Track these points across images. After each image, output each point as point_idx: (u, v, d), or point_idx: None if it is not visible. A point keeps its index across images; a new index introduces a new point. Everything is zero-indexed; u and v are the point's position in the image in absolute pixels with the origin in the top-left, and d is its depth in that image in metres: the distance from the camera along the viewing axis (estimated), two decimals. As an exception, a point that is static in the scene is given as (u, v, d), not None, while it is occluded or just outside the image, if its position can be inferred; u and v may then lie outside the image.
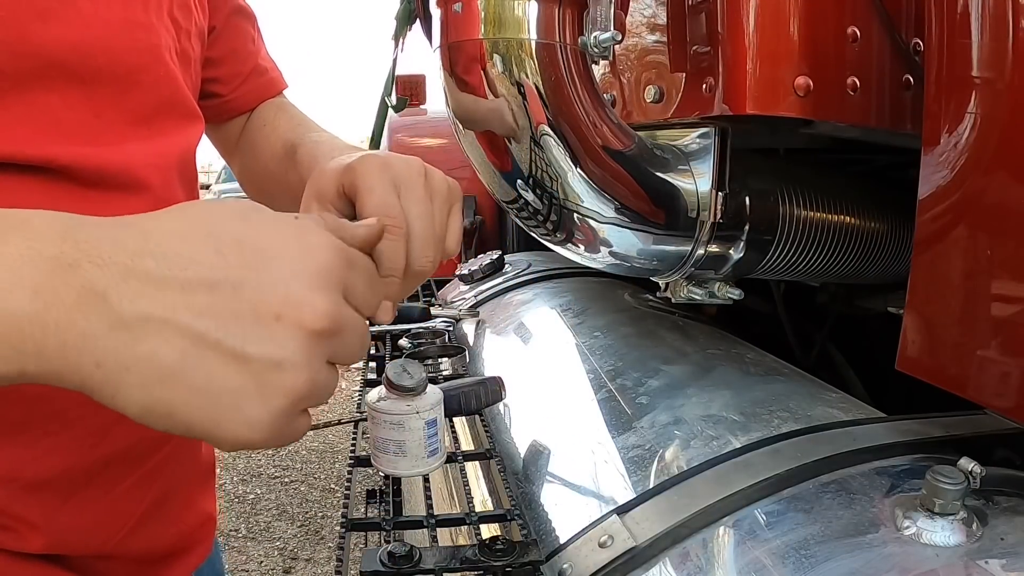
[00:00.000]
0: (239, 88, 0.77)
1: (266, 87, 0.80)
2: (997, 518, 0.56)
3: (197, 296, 0.33)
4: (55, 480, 0.53)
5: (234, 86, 0.76)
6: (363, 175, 0.47)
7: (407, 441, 0.63)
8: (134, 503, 0.59)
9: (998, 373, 0.60)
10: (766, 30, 0.79)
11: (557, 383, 1.01)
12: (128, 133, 0.55)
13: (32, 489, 0.52)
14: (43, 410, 0.52)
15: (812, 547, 0.55)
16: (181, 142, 0.61)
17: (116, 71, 0.54)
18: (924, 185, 0.65)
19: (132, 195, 0.55)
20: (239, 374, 0.33)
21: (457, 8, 0.78)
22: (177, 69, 0.60)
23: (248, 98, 0.78)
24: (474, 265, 1.62)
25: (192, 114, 0.64)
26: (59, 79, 0.50)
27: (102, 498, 0.56)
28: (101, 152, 0.53)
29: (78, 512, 0.55)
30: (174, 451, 0.63)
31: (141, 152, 0.56)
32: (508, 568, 0.59)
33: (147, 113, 0.57)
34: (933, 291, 0.66)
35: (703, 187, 0.89)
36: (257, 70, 0.79)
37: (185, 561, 0.66)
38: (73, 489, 0.54)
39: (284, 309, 0.34)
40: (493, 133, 0.82)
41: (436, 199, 0.50)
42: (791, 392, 0.83)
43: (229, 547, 2.84)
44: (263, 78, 0.80)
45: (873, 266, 1.06)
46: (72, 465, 0.54)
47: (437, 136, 2.48)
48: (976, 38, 0.60)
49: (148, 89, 0.57)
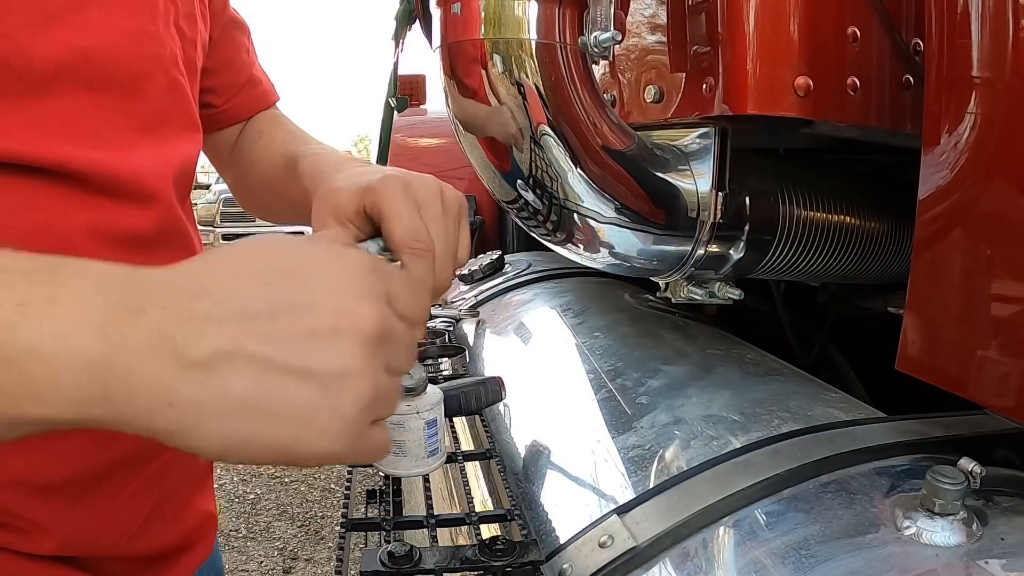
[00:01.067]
0: (233, 99, 0.77)
1: (260, 99, 0.80)
2: (997, 518, 0.56)
3: (258, 325, 0.34)
4: (65, 484, 0.54)
5: (228, 96, 0.77)
6: (387, 198, 0.49)
7: (407, 441, 0.63)
8: (140, 505, 0.60)
9: (998, 373, 0.60)
10: (766, 30, 0.79)
11: (557, 383, 1.01)
12: (135, 141, 0.56)
13: (42, 493, 0.53)
14: None
15: (812, 547, 0.55)
16: (183, 153, 0.62)
17: (123, 78, 0.54)
18: (924, 185, 0.65)
19: (140, 202, 0.56)
20: (309, 390, 0.35)
21: (457, 8, 0.78)
22: (184, 79, 0.61)
23: (242, 109, 0.79)
24: (474, 265, 1.62)
25: (194, 125, 0.64)
26: (69, 84, 0.51)
27: (109, 501, 0.57)
28: (111, 157, 0.53)
29: (87, 515, 0.55)
30: (176, 454, 0.63)
31: (149, 160, 0.56)
32: (508, 568, 0.59)
33: (153, 122, 0.57)
34: (933, 291, 0.66)
35: (703, 187, 0.89)
36: (252, 81, 0.79)
37: (188, 559, 0.67)
38: (82, 492, 0.55)
39: (339, 322, 0.35)
40: (493, 133, 0.82)
41: (449, 215, 0.51)
42: (791, 392, 0.83)
43: (229, 547, 2.84)
44: (257, 90, 0.80)
45: (873, 266, 1.06)
46: (81, 469, 0.55)
47: (437, 136, 2.48)
48: (976, 38, 0.60)
49: (154, 98, 0.57)
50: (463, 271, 1.64)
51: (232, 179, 0.83)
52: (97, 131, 0.53)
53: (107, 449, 0.56)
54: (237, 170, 0.81)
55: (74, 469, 0.54)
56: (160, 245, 0.58)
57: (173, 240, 0.60)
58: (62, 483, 0.54)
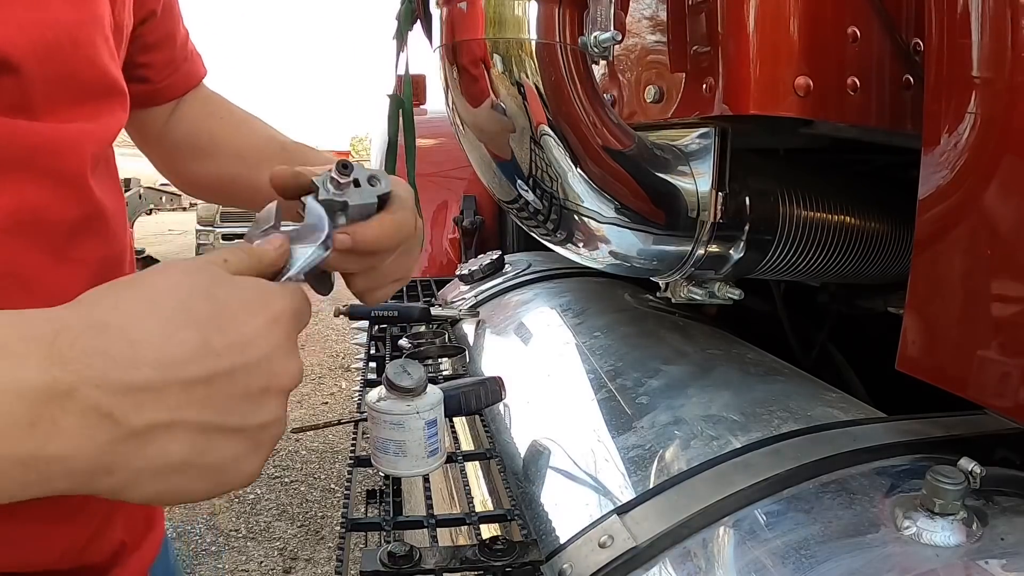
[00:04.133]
0: (172, 75, 0.74)
1: (194, 74, 0.77)
2: (997, 518, 0.56)
3: (196, 392, 0.35)
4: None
5: (167, 73, 0.73)
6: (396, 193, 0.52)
7: (407, 441, 0.63)
8: (90, 514, 0.57)
9: (998, 373, 0.60)
10: (766, 30, 0.79)
11: (557, 383, 1.01)
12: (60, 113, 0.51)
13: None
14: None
15: (812, 547, 0.55)
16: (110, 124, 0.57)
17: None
18: (924, 185, 0.65)
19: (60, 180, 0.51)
20: (239, 444, 0.37)
21: (459, 8, 0.78)
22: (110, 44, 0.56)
23: (179, 86, 0.75)
24: (474, 265, 1.62)
25: (120, 92, 0.58)
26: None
27: (53, 511, 0.54)
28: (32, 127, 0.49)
29: (28, 528, 0.53)
30: None
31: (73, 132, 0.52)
32: (508, 568, 0.59)
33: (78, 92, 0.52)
34: (933, 291, 0.66)
35: (703, 187, 0.89)
36: (189, 57, 0.76)
37: (139, 557, 0.64)
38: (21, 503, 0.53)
39: (271, 382, 0.38)
40: (493, 133, 0.82)
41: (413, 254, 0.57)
42: (791, 392, 0.83)
43: (229, 547, 2.84)
44: (193, 64, 0.77)
45: (873, 266, 1.06)
46: None
47: (437, 136, 2.47)
48: (976, 38, 0.60)
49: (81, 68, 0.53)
50: (463, 271, 1.64)
51: (164, 156, 0.79)
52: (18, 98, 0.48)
53: None
54: (175, 148, 0.77)
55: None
56: (78, 234, 0.53)
57: (92, 228, 0.55)
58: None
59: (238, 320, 0.38)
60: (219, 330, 0.37)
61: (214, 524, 3.01)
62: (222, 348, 0.36)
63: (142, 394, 0.33)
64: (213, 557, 2.78)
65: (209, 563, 2.74)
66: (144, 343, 0.34)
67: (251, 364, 0.37)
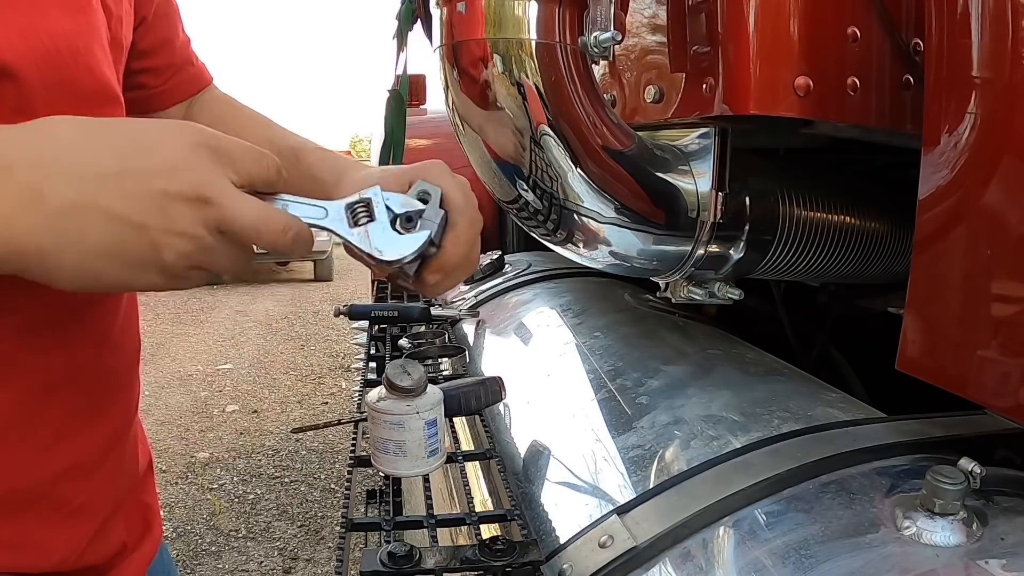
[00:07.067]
0: (171, 80, 0.75)
1: (197, 78, 0.78)
2: (997, 518, 0.56)
3: (108, 183, 0.41)
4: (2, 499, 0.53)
5: (165, 78, 0.74)
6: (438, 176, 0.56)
7: (407, 441, 0.63)
8: (90, 517, 0.59)
9: (998, 373, 0.60)
10: (766, 30, 0.79)
11: (557, 383, 1.01)
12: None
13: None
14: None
15: (812, 547, 0.55)
16: None
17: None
18: (924, 185, 0.65)
19: None
20: (145, 242, 0.42)
21: (461, 8, 0.78)
22: (108, 54, 0.58)
23: (179, 90, 0.76)
24: (474, 265, 1.62)
25: (117, 101, 0.61)
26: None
27: (54, 514, 0.56)
28: None
29: (30, 531, 0.54)
30: (120, 457, 0.63)
31: None
32: (508, 568, 0.59)
33: (78, 99, 0.54)
34: (933, 291, 0.66)
35: (703, 187, 0.89)
36: (189, 61, 0.77)
37: (137, 557, 0.66)
38: (22, 508, 0.54)
39: (171, 186, 0.42)
40: (493, 133, 0.82)
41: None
42: (791, 392, 0.83)
43: (229, 547, 2.85)
44: (194, 69, 0.77)
45: (873, 266, 1.06)
46: (18, 485, 0.54)
47: (437, 136, 2.48)
48: (976, 38, 0.60)
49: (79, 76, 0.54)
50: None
51: None
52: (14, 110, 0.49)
53: (41, 465, 0.55)
54: None
55: (9, 486, 0.53)
56: None
57: None
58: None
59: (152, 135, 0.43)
60: (133, 140, 0.43)
61: (214, 524, 3.01)
62: (133, 150, 0.42)
63: (67, 178, 0.40)
64: (213, 557, 2.78)
65: (209, 563, 2.74)
66: (70, 142, 0.41)
67: (156, 168, 0.42)
